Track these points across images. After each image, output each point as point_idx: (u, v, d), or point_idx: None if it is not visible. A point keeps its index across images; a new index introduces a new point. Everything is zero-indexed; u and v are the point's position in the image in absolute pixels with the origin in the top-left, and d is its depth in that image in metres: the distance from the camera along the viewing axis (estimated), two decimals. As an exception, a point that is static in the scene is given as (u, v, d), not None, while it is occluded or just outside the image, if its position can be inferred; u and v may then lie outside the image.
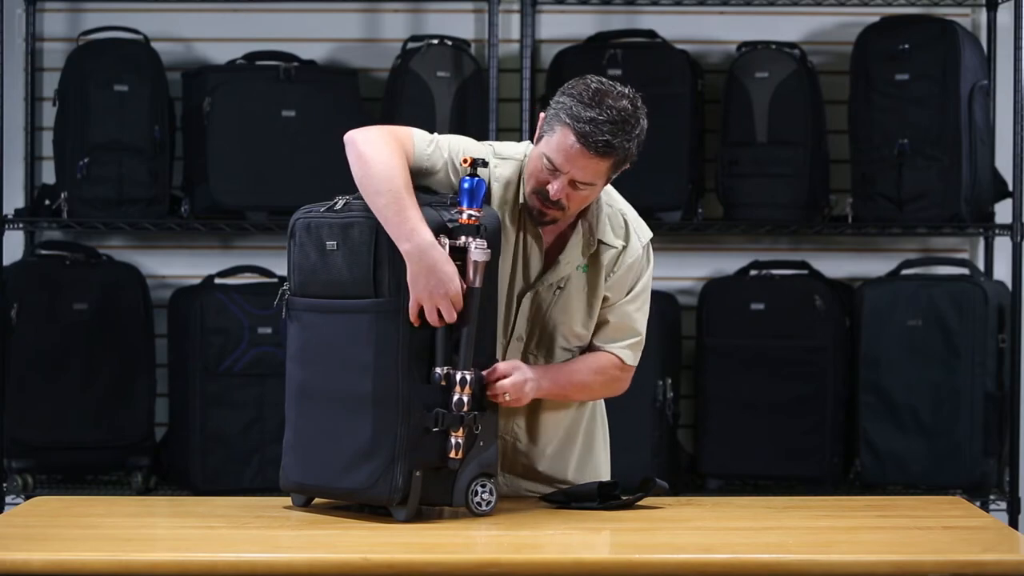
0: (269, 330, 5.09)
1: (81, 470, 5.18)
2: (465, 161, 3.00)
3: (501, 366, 3.04)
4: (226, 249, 5.38)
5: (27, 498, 4.67)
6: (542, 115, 3.10)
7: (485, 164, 3.03)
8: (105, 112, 5.08)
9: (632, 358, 3.23)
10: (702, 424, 5.19)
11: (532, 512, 3.10)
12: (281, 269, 5.25)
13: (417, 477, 2.94)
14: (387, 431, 2.94)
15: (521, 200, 3.14)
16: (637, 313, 3.24)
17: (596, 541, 2.90)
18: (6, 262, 5.10)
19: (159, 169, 5.14)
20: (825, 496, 4.73)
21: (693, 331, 5.24)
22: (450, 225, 2.96)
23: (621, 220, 3.21)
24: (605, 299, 3.21)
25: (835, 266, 5.36)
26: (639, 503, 3.14)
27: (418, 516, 2.97)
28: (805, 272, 5.25)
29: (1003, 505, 5.10)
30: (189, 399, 5.06)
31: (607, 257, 3.18)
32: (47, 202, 5.17)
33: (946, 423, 5.01)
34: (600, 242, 3.17)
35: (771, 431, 5.09)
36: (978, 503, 4.85)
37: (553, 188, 3.04)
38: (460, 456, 2.95)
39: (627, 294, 3.22)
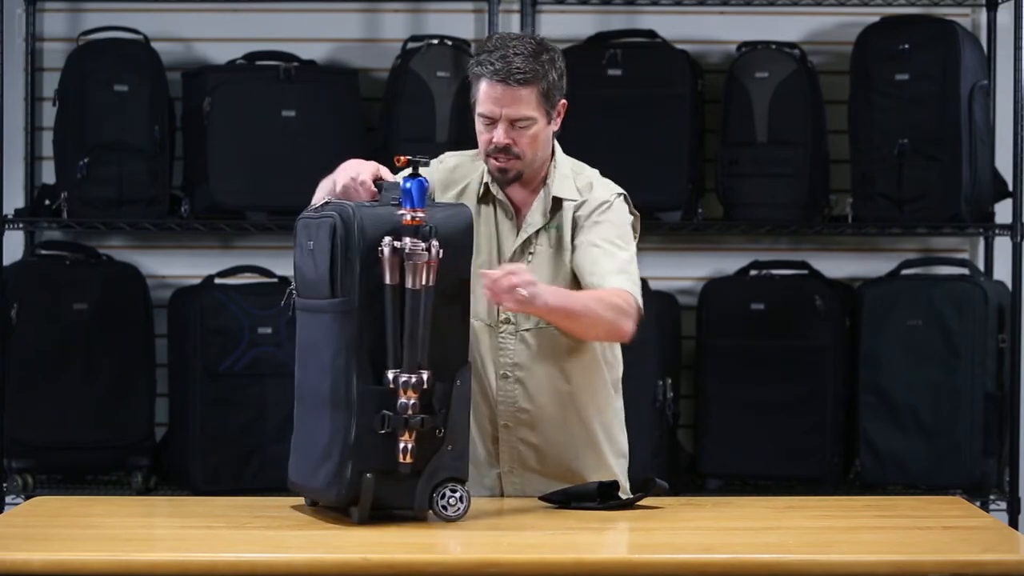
0: (269, 330, 5.09)
1: (81, 470, 5.18)
2: (398, 160, 2.98)
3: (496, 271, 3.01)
4: (226, 249, 5.38)
5: (27, 498, 4.67)
6: (472, 101, 3.20)
7: (424, 163, 2.98)
8: (105, 112, 5.08)
9: (628, 283, 3.15)
10: (702, 424, 5.19)
11: (532, 512, 3.10)
12: (281, 269, 5.29)
13: (368, 479, 2.89)
14: (340, 432, 2.93)
15: (485, 179, 3.22)
16: (616, 242, 3.19)
17: (596, 541, 2.90)
18: (6, 262, 5.10)
19: (159, 169, 5.14)
20: (825, 496, 4.73)
21: (693, 331, 5.24)
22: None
23: (586, 182, 3.26)
24: (575, 246, 3.20)
25: (835, 266, 5.36)
26: (639, 503, 3.14)
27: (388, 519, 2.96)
28: (805, 272, 5.25)
29: (1003, 505, 5.10)
30: (189, 399, 5.06)
31: (569, 213, 3.21)
32: (47, 202, 5.17)
33: (946, 423, 5.01)
34: (555, 198, 3.22)
35: (771, 431, 5.08)
36: (978, 503, 4.84)
37: (497, 135, 3.13)
38: (409, 460, 2.90)
39: (595, 227, 3.20)
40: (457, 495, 2.95)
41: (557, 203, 3.24)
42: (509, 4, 5.25)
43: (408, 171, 2.96)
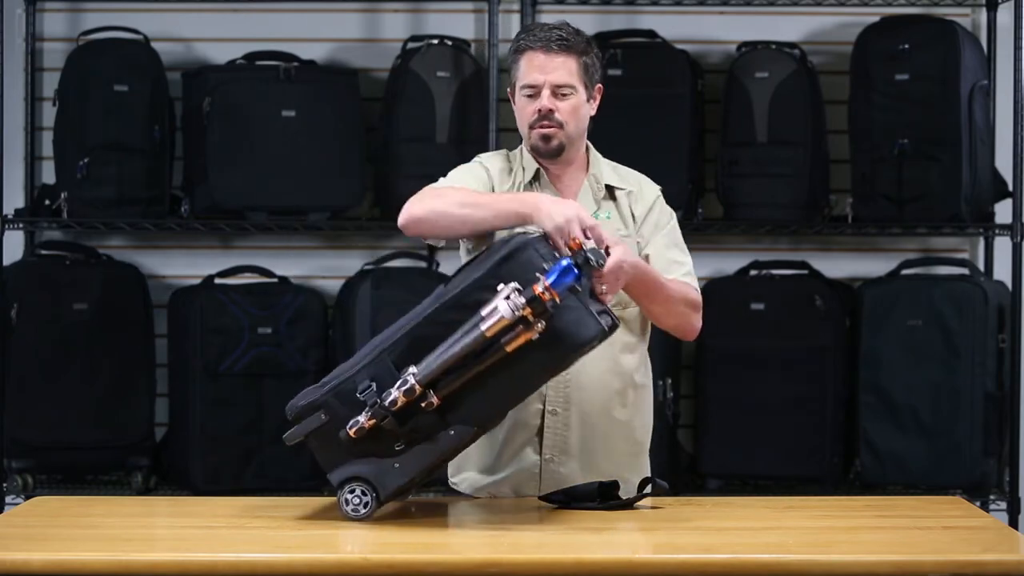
0: (269, 330, 5.09)
1: (81, 470, 5.18)
2: (575, 242, 2.96)
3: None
4: (226, 249, 5.38)
5: (27, 498, 4.67)
6: (509, 89, 3.30)
7: (598, 265, 2.95)
8: (105, 112, 5.08)
9: (694, 281, 3.31)
10: (702, 424, 5.19)
11: (532, 512, 3.10)
12: (281, 269, 5.28)
13: (320, 419, 2.93)
14: (343, 370, 2.98)
15: (530, 177, 3.26)
16: (675, 250, 3.32)
17: (596, 541, 2.90)
18: (6, 262, 5.10)
19: (159, 169, 5.14)
20: (825, 496, 4.73)
21: (693, 331, 5.23)
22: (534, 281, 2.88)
23: (626, 173, 3.38)
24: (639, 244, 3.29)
25: (835, 266, 5.36)
26: (639, 503, 3.14)
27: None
28: (805, 272, 5.25)
29: (1003, 505, 5.10)
30: (189, 399, 5.06)
31: (624, 201, 3.31)
32: (47, 202, 5.17)
33: (946, 423, 5.01)
34: (607, 186, 3.31)
35: (771, 431, 5.09)
36: (978, 503, 4.85)
37: (543, 101, 3.20)
38: (351, 435, 2.90)
39: (659, 233, 3.30)
40: (365, 499, 2.95)
41: (608, 195, 3.31)
42: (509, 4, 5.25)
43: (571, 257, 2.92)
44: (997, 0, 5.33)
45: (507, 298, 2.84)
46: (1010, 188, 5.13)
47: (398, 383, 2.89)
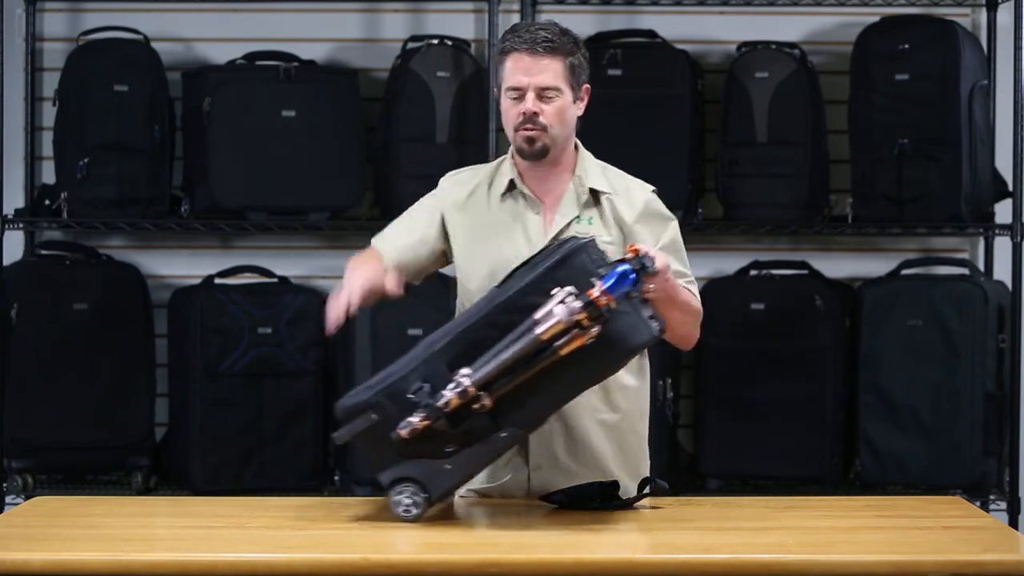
0: (269, 330, 5.09)
1: (81, 470, 5.18)
2: (633, 248, 2.96)
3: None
4: (226, 249, 5.38)
5: (27, 498, 4.67)
6: (495, 89, 3.30)
7: (652, 272, 2.95)
8: (105, 112, 5.08)
9: (697, 291, 3.29)
10: (702, 424, 5.19)
11: (532, 512, 3.10)
12: (281, 269, 5.28)
13: (370, 419, 2.93)
14: (392, 371, 2.97)
15: (510, 175, 3.26)
16: (678, 261, 3.28)
17: (596, 541, 2.90)
18: (6, 262, 5.10)
19: (159, 169, 5.14)
20: (825, 496, 4.73)
21: (693, 331, 5.23)
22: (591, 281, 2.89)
23: (615, 176, 3.33)
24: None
25: (835, 266, 5.36)
26: (639, 503, 3.14)
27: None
28: (805, 272, 5.25)
29: (1003, 505, 5.10)
30: (189, 399, 5.06)
31: (607, 207, 3.27)
32: (47, 202, 5.17)
33: (946, 423, 5.01)
34: (591, 190, 3.27)
35: (771, 431, 5.08)
36: (978, 503, 4.84)
37: (527, 104, 3.18)
38: (403, 435, 2.90)
39: (660, 243, 3.25)
40: (415, 500, 2.95)
41: (592, 195, 3.28)
42: (509, 4, 5.25)
43: (629, 261, 2.92)
44: (997, 0, 5.33)
45: (563, 302, 2.85)
46: (1010, 188, 5.13)
47: (451, 385, 2.89)
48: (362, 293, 3.11)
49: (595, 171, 3.31)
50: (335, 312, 3.08)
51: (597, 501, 3.12)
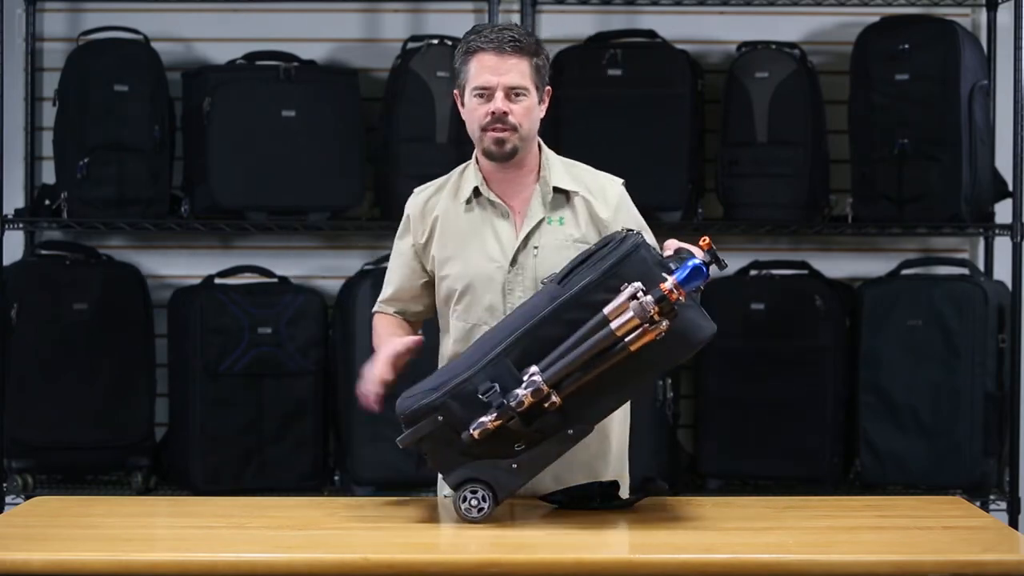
0: (269, 330, 5.09)
1: (81, 470, 5.18)
2: (704, 240, 2.97)
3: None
4: (226, 249, 5.38)
5: (27, 498, 4.67)
6: (455, 91, 3.31)
7: (723, 265, 2.99)
8: (105, 112, 5.08)
9: None
10: (702, 424, 5.20)
11: (532, 512, 3.10)
12: (281, 269, 5.28)
13: (437, 420, 2.93)
14: (454, 370, 2.98)
15: (474, 183, 3.27)
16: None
17: (596, 541, 2.90)
18: (6, 262, 5.10)
19: (159, 169, 5.14)
20: (825, 496, 4.72)
21: (693, 331, 5.23)
22: (660, 271, 2.90)
23: (581, 172, 3.33)
24: None
25: (835, 266, 5.36)
26: (639, 503, 3.14)
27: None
28: (805, 272, 5.25)
29: (1003, 505, 5.10)
30: (189, 399, 5.06)
31: (581, 206, 3.27)
32: (47, 202, 5.17)
33: (946, 423, 5.01)
34: (555, 188, 3.27)
35: (771, 431, 5.08)
36: (978, 503, 4.85)
37: (496, 103, 3.20)
38: (475, 435, 2.91)
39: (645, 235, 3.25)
40: (483, 500, 2.96)
41: (558, 195, 3.27)
42: (509, 4, 5.25)
43: (703, 255, 2.94)
44: (997, 0, 5.33)
45: (635, 297, 2.85)
46: (1010, 188, 5.13)
47: (524, 384, 2.89)
48: (388, 363, 3.15)
49: (559, 170, 3.31)
50: (372, 389, 3.15)
51: (597, 501, 3.12)
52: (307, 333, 5.13)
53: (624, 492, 3.24)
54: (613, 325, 2.87)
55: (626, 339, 2.87)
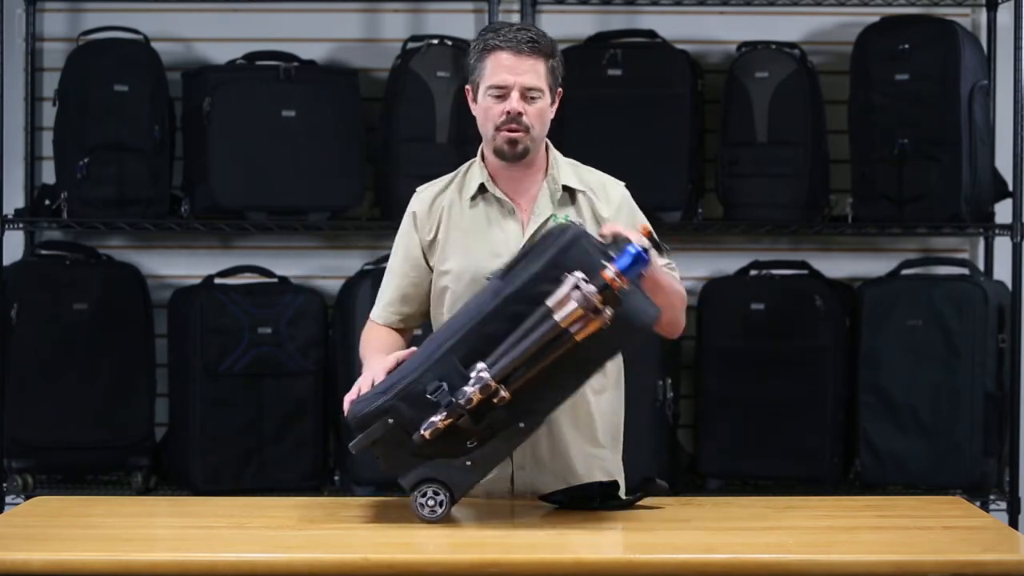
0: (269, 330, 5.09)
1: (81, 470, 5.18)
2: (643, 228, 2.98)
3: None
4: (226, 249, 5.38)
5: (27, 498, 4.67)
6: (467, 87, 3.31)
7: (665, 249, 3.00)
8: (105, 112, 5.08)
9: (679, 281, 3.25)
10: (702, 424, 5.19)
11: (532, 512, 3.10)
12: (281, 269, 5.28)
13: (388, 424, 2.92)
14: (402, 373, 2.97)
15: (479, 179, 3.26)
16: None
17: (596, 541, 2.90)
18: (6, 262, 5.10)
19: (159, 169, 5.14)
20: (825, 496, 4.72)
21: (693, 331, 5.23)
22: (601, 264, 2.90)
23: (587, 174, 3.34)
24: None
25: (835, 266, 5.36)
26: (639, 503, 3.14)
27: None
28: (805, 272, 5.25)
29: (1003, 505, 5.10)
30: (189, 399, 5.06)
31: (584, 204, 3.28)
32: (47, 202, 5.17)
33: (946, 423, 5.01)
34: (564, 187, 3.27)
35: (771, 431, 5.08)
36: (978, 503, 4.85)
37: (512, 103, 3.19)
38: (425, 436, 2.90)
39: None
40: (438, 500, 2.95)
41: (564, 193, 3.28)
42: (509, 4, 5.25)
43: (642, 241, 2.94)
44: (997, 0, 5.33)
45: (577, 287, 2.85)
46: (1010, 188, 5.13)
47: (472, 380, 2.89)
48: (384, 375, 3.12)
49: (567, 170, 3.32)
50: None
51: (597, 501, 3.12)
52: (307, 333, 5.13)
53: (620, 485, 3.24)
54: (557, 317, 2.86)
55: (571, 330, 2.86)
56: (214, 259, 5.31)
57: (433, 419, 2.90)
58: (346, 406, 3.05)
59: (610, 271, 2.86)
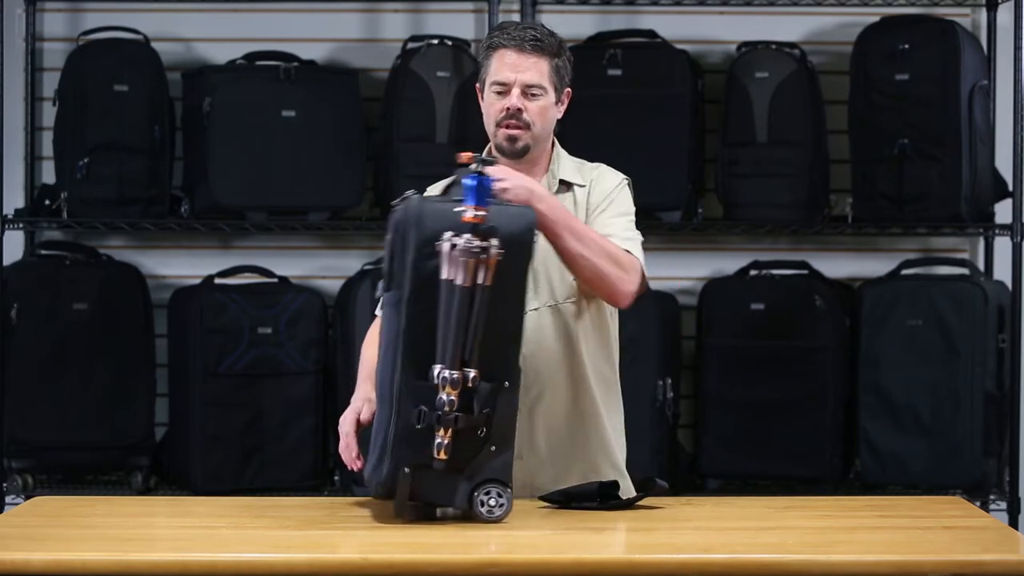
0: (269, 330, 5.09)
1: (81, 470, 5.18)
2: (460, 156, 3.00)
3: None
4: (226, 249, 5.38)
5: (27, 498, 4.67)
6: (477, 85, 3.32)
7: (491, 162, 3.01)
8: (105, 112, 5.08)
9: (633, 247, 3.22)
10: (702, 424, 5.19)
11: (532, 512, 3.10)
12: (281, 269, 5.28)
13: (406, 474, 2.92)
14: (383, 425, 2.96)
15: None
16: (621, 219, 3.27)
17: (596, 541, 2.90)
18: (6, 262, 5.11)
19: (159, 169, 5.14)
20: (825, 496, 4.73)
21: (693, 331, 5.24)
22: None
23: (590, 170, 3.35)
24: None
25: (835, 266, 5.36)
26: (639, 503, 3.14)
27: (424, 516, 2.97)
28: (805, 272, 5.25)
29: (1003, 505, 5.10)
30: (189, 399, 5.06)
31: (580, 195, 3.29)
32: (47, 202, 5.17)
33: (946, 423, 5.01)
34: (561, 181, 3.29)
35: (771, 431, 5.08)
36: (978, 503, 4.84)
37: (512, 100, 3.21)
38: (443, 457, 2.90)
39: (607, 212, 3.27)
40: (497, 496, 2.95)
41: (564, 188, 3.30)
42: (509, 4, 5.25)
43: (472, 167, 2.95)
44: (997, 0, 5.33)
45: (453, 246, 2.86)
46: (1010, 188, 5.13)
47: (439, 385, 2.89)
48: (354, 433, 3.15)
49: (569, 167, 3.33)
50: (351, 453, 3.16)
51: (597, 501, 3.12)
52: (307, 333, 5.13)
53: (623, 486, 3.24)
54: (459, 281, 2.87)
55: (478, 282, 2.88)
56: (214, 259, 5.31)
57: (436, 441, 2.91)
58: (342, 446, 3.13)
59: (469, 212, 2.88)
